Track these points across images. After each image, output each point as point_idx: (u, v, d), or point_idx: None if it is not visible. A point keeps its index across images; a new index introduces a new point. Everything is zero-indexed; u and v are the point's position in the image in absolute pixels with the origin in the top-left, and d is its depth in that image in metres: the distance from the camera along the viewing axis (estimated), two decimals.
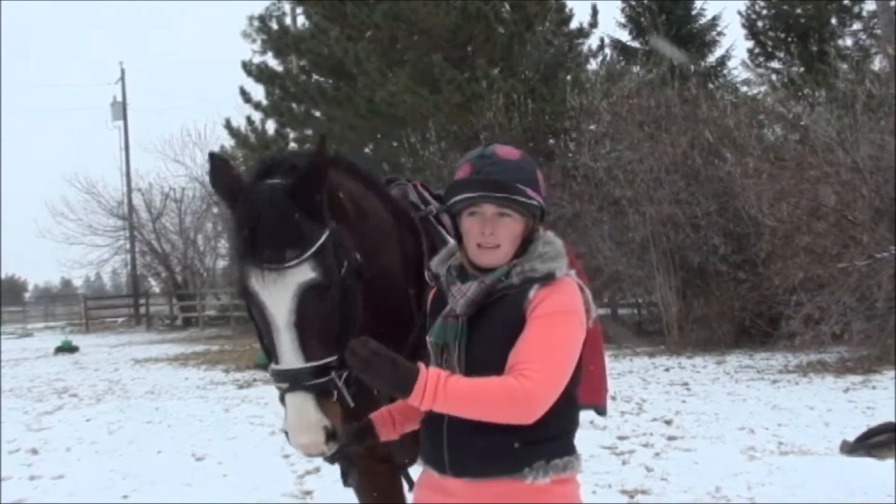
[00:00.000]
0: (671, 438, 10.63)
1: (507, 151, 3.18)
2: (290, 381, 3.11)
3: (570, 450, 3.12)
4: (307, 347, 3.12)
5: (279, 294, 3.10)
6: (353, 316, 3.30)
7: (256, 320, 3.27)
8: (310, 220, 3.17)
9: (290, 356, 3.12)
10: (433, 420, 3.09)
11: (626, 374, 16.33)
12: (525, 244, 3.13)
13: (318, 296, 3.14)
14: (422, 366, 2.89)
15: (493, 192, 3.04)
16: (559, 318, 3.00)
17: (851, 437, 9.45)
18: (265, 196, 3.19)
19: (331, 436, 3.11)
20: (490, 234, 3.06)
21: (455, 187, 3.14)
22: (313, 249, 3.14)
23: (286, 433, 3.16)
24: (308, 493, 8.79)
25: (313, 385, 3.10)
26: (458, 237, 3.23)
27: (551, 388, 2.93)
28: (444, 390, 2.83)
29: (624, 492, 8.30)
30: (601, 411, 4.83)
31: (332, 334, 3.19)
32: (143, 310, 49.83)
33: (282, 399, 3.16)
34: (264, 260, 3.09)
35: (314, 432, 3.09)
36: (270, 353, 3.22)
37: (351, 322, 3.27)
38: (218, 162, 3.37)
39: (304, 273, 3.11)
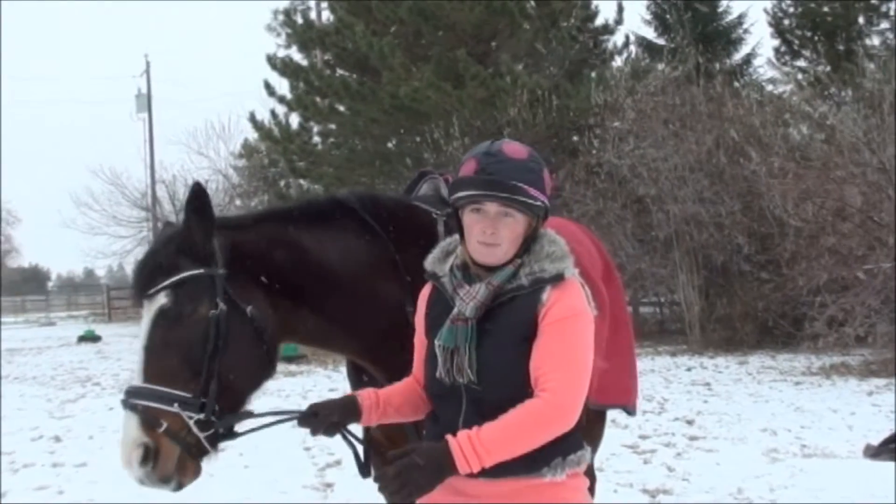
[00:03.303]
0: (693, 438, 10.59)
1: (515, 149, 3.11)
2: (123, 399, 3.21)
3: (581, 444, 3.09)
4: (147, 371, 3.20)
5: (144, 321, 3.29)
6: (232, 362, 3.31)
7: None
8: (186, 260, 3.31)
9: (134, 376, 3.22)
10: (446, 419, 3.07)
11: (647, 373, 16.27)
12: (527, 242, 3.10)
13: (168, 323, 3.24)
14: (448, 438, 2.87)
15: (495, 191, 2.99)
16: (571, 322, 2.98)
17: (875, 441, 9.37)
18: (154, 241, 3.50)
19: (148, 458, 3.15)
20: (492, 233, 3.01)
21: (459, 184, 3.10)
22: (172, 280, 3.28)
23: None
24: (329, 485, 8.78)
25: (138, 405, 3.16)
26: (461, 231, 3.18)
27: (575, 393, 2.93)
28: (482, 445, 2.82)
29: (645, 491, 8.27)
30: (630, 411, 4.79)
31: (185, 368, 3.22)
32: None
33: None
34: (140, 292, 3.33)
35: (129, 451, 3.15)
36: None
37: (226, 367, 3.29)
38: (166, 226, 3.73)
39: (159, 300, 3.26)
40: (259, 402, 12.13)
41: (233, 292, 3.35)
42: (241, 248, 3.48)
